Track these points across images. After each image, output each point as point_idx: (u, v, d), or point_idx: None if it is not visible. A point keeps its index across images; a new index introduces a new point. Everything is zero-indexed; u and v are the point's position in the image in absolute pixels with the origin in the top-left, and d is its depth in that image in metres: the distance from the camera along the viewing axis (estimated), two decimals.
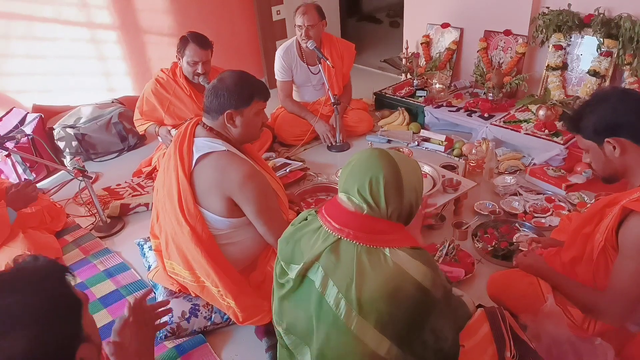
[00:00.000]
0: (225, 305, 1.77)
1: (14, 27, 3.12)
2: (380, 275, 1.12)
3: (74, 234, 2.54)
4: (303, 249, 1.23)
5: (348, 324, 1.12)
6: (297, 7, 3.07)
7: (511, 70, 3.28)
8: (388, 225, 1.19)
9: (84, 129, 3.25)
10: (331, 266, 1.17)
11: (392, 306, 1.11)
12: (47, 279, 0.90)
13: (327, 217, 1.23)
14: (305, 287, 1.23)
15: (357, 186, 1.18)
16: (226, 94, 1.72)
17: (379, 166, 1.18)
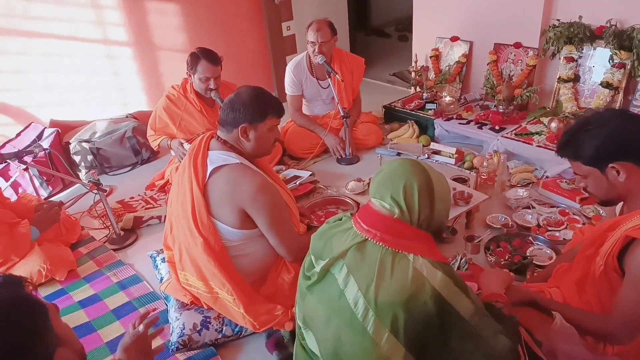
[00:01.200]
0: (241, 314, 1.78)
1: (33, 45, 3.21)
2: (400, 279, 1.14)
3: (88, 246, 2.57)
4: (333, 247, 1.28)
5: (364, 324, 1.14)
6: (310, 23, 3.11)
7: (522, 83, 3.28)
8: (416, 232, 1.23)
9: (99, 143, 3.30)
10: (355, 264, 1.20)
11: (408, 313, 1.12)
12: (2, 288, 0.93)
13: (358, 218, 1.28)
14: (327, 281, 1.27)
15: (390, 192, 1.22)
16: (242, 109, 1.76)
17: (413, 173, 1.23)
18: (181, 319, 1.84)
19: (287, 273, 1.93)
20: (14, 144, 3.22)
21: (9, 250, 2.19)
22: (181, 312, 1.86)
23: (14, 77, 3.21)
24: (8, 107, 3.26)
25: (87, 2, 3.34)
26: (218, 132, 1.86)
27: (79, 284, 2.29)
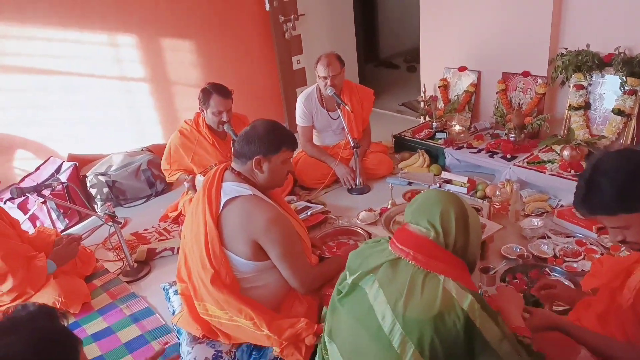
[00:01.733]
0: (265, 335, 1.76)
1: (53, 81, 3.32)
2: (429, 298, 1.17)
3: (102, 278, 2.59)
4: (369, 263, 1.32)
5: (390, 337, 1.17)
6: (318, 58, 3.18)
7: (532, 111, 3.29)
8: (451, 257, 1.26)
9: (115, 176, 3.37)
10: (386, 279, 1.24)
11: (435, 331, 1.14)
12: (38, 320, 0.93)
13: (393, 238, 1.33)
14: (357, 294, 1.30)
15: (427, 217, 1.28)
16: (257, 141, 1.81)
17: (449, 201, 1.30)
18: (193, 353, 1.83)
19: (299, 306, 1.91)
20: (33, 177, 3.30)
21: (25, 283, 2.21)
22: (193, 346, 1.85)
23: (34, 113, 3.31)
24: (28, 142, 3.35)
25: (106, 41, 3.47)
26: (232, 164, 1.90)
27: (93, 317, 2.29)
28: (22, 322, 0.92)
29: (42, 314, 0.95)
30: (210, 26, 3.90)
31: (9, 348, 0.86)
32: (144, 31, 3.59)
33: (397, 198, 2.84)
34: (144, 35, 3.60)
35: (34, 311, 0.95)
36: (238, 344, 1.86)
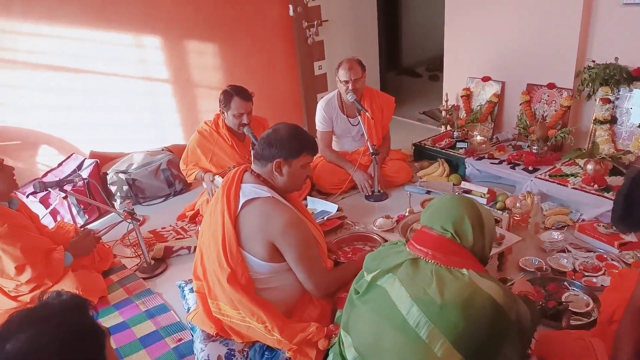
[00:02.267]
0: (276, 339, 1.76)
1: (79, 81, 3.39)
2: (456, 288, 1.22)
3: (119, 274, 2.62)
4: (385, 265, 1.37)
5: (418, 330, 1.20)
6: (339, 63, 3.19)
7: (556, 124, 3.24)
8: (467, 253, 1.32)
9: (135, 175, 3.41)
10: (406, 277, 1.28)
11: (468, 319, 1.18)
12: (71, 311, 0.94)
13: (412, 240, 1.38)
14: (375, 292, 1.34)
15: (442, 222, 1.34)
16: (278, 144, 1.82)
17: (464, 207, 1.35)
18: (206, 350, 1.84)
19: (313, 309, 1.91)
20: (55, 173, 3.37)
21: (44, 275, 2.25)
22: (206, 344, 1.86)
23: (60, 111, 3.39)
24: (53, 139, 3.43)
25: (132, 42, 3.54)
26: (252, 166, 1.91)
27: (109, 311, 2.32)
28: (55, 312, 0.93)
29: (74, 306, 0.96)
30: (234, 30, 3.94)
31: (39, 337, 0.87)
32: (169, 34, 3.65)
33: (415, 206, 2.81)
34: (169, 37, 3.66)
35: (67, 301, 0.96)
36: (251, 343, 1.86)
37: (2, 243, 2.15)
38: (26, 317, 0.91)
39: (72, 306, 0.96)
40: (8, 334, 0.86)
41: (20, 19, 3.07)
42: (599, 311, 1.91)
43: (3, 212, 2.23)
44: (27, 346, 0.84)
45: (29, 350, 0.84)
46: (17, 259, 2.17)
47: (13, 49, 3.11)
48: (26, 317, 0.91)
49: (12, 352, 0.84)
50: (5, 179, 2.25)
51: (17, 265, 2.17)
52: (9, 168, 2.28)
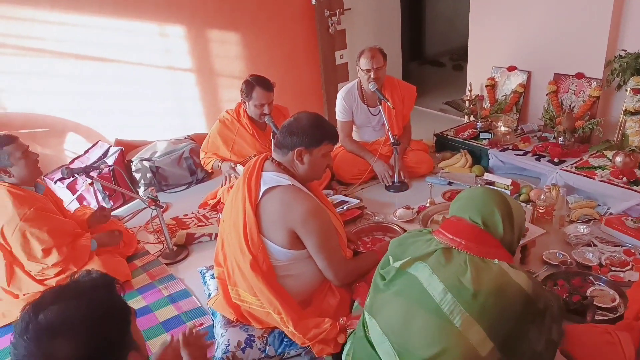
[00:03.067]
0: (289, 332, 1.78)
1: (104, 69, 3.45)
2: (488, 277, 1.25)
3: (142, 259, 2.67)
4: (413, 252, 1.37)
5: (451, 317, 1.21)
6: (361, 51, 3.16)
7: (584, 115, 3.16)
8: (498, 244, 1.34)
9: (159, 162, 3.47)
10: (439, 265, 1.29)
11: (500, 307, 1.21)
12: (98, 289, 0.98)
13: (442, 230, 1.38)
14: (404, 279, 1.34)
15: (473, 214, 1.35)
16: (300, 133, 1.83)
17: (495, 199, 1.36)
18: (226, 336, 1.87)
19: (332, 297, 1.92)
20: (82, 160, 3.44)
21: (69, 259, 2.31)
22: (227, 329, 1.89)
23: (86, 99, 3.45)
24: (79, 126, 3.50)
25: (156, 31, 3.57)
26: (273, 154, 1.92)
27: (132, 295, 2.37)
28: (85, 289, 0.97)
29: (103, 284, 1.01)
30: (256, 19, 3.94)
31: (70, 310, 0.91)
32: (193, 22, 3.67)
33: (436, 197, 2.79)
34: (192, 26, 3.68)
35: (96, 279, 1.01)
36: (270, 329, 1.88)
37: (30, 226, 2.22)
38: (59, 292, 0.96)
39: (101, 284, 1.00)
40: (41, 306, 0.91)
41: (48, 8, 3.13)
42: (625, 307, 1.87)
43: (30, 196, 2.30)
44: (58, 318, 0.89)
45: (60, 322, 0.89)
46: (44, 241, 2.24)
47: (41, 37, 3.18)
48: (59, 292, 0.96)
49: (43, 322, 0.88)
50: (30, 165, 2.31)
51: (44, 247, 2.24)
52: (33, 154, 2.34)
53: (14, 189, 2.27)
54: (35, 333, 0.88)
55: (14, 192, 2.26)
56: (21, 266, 2.29)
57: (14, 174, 2.26)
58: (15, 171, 2.26)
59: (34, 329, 0.88)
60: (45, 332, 0.88)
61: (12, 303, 2.30)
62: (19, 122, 3.24)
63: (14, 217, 2.21)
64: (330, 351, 1.76)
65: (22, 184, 2.31)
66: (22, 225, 2.21)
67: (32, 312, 0.91)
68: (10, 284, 2.30)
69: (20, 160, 2.26)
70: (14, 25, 3.08)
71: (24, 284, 2.30)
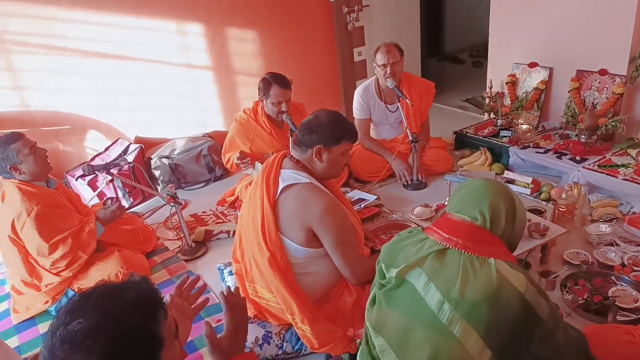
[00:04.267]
0: (300, 333, 1.79)
1: (124, 67, 3.49)
2: (483, 280, 1.19)
3: (162, 255, 2.71)
4: (406, 255, 1.32)
5: (450, 328, 1.17)
6: (377, 47, 3.14)
7: (607, 112, 3.09)
8: (495, 239, 1.27)
9: (177, 160, 3.50)
10: (434, 271, 1.24)
11: (494, 312, 1.15)
12: (138, 311, 0.94)
13: (436, 228, 1.32)
14: (403, 289, 1.30)
15: (475, 206, 1.28)
16: (319, 130, 1.83)
17: (497, 192, 1.30)
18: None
19: (349, 295, 1.92)
20: (102, 157, 3.50)
21: (76, 248, 2.32)
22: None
23: (106, 97, 3.50)
24: (100, 124, 3.55)
25: (174, 29, 3.60)
26: (291, 152, 1.93)
27: None
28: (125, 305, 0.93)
29: (144, 304, 0.96)
30: (274, 16, 3.95)
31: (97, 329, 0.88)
32: (210, 20, 3.69)
33: None
34: (210, 24, 3.71)
35: (141, 295, 0.97)
36: (288, 326, 1.89)
37: (36, 222, 2.25)
38: (101, 299, 0.93)
39: (143, 304, 0.95)
40: (76, 312, 0.90)
41: (69, 6, 3.18)
42: None
43: (39, 191, 2.33)
44: (82, 335, 0.87)
45: (81, 339, 0.87)
46: (49, 237, 2.26)
47: (64, 36, 3.23)
48: (101, 299, 0.93)
49: (68, 333, 0.87)
50: (39, 161, 2.34)
51: (50, 243, 2.26)
52: (41, 150, 2.37)
53: (24, 185, 2.31)
54: (61, 338, 0.87)
55: (23, 188, 2.29)
56: (36, 260, 2.33)
57: (24, 170, 2.29)
58: (25, 168, 2.29)
59: (61, 334, 0.87)
60: (68, 342, 0.87)
61: (34, 296, 2.35)
62: (41, 120, 3.31)
63: (22, 213, 2.25)
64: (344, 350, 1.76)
65: (33, 179, 2.34)
66: (29, 221, 2.24)
67: (68, 315, 0.89)
68: (32, 275, 2.34)
69: (28, 157, 2.28)
70: (36, 24, 3.13)
71: (44, 276, 2.35)
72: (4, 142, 2.26)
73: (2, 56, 3.09)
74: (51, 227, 2.28)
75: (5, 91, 3.16)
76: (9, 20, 3.04)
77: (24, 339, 2.22)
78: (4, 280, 2.67)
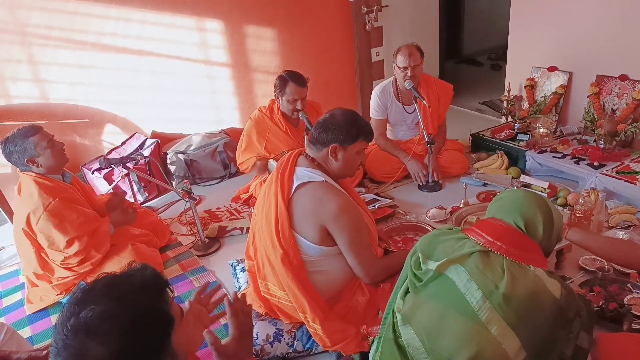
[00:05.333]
0: (312, 331, 1.79)
1: (143, 63, 3.53)
2: (524, 285, 1.25)
3: (175, 250, 2.73)
4: (445, 250, 1.36)
5: (489, 327, 1.21)
6: (398, 49, 3.12)
7: (626, 118, 3.04)
8: (535, 247, 1.33)
9: (193, 155, 3.53)
10: (476, 270, 1.28)
11: (532, 315, 1.22)
12: (147, 292, 0.96)
13: (479, 230, 1.36)
14: (441, 282, 1.33)
15: (514, 217, 1.35)
16: (335, 129, 1.82)
17: (537, 204, 1.35)
18: (255, 329, 1.88)
19: (361, 295, 1.92)
20: (119, 151, 3.54)
21: (90, 247, 2.34)
22: (255, 322, 1.91)
23: (124, 91, 3.54)
24: (118, 118, 3.59)
25: (194, 25, 3.63)
26: (306, 150, 1.93)
27: None
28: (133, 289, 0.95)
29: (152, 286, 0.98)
30: (293, 15, 3.95)
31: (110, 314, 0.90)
32: (230, 17, 3.71)
33: (470, 198, 2.74)
34: (230, 21, 3.72)
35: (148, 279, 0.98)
36: (299, 324, 1.89)
37: (53, 216, 2.26)
38: (106, 287, 0.94)
39: (150, 286, 0.97)
40: (85, 301, 0.91)
41: (91, 1, 3.22)
42: None
43: (56, 185, 2.35)
44: (97, 320, 0.88)
45: (97, 324, 0.88)
46: (67, 232, 2.28)
47: (84, 30, 3.27)
48: (106, 287, 0.94)
49: (82, 321, 0.88)
50: (57, 154, 2.37)
51: (67, 239, 2.28)
52: (59, 143, 2.40)
53: (40, 178, 2.32)
54: (74, 329, 0.88)
55: (40, 182, 2.31)
56: (47, 254, 2.35)
57: (41, 163, 2.31)
58: (42, 161, 2.31)
59: (72, 325, 0.88)
60: (83, 330, 0.87)
61: (47, 288, 2.37)
62: (60, 112, 3.36)
63: (38, 206, 2.26)
64: (356, 349, 1.76)
65: (49, 172, 2.36)
66: (45, 215, 2.26)
67: (77, 305, 0.90)
68: (44, 269, 2.37)
69: (46, 150, 2.30)
70: (58, 17, 3.18)
71: (56, 270, 2.37)
72: (22, 135, 2.29)
73: (23, 49, 3.14)
74: (67, 221, 2.29)
75: (26, 83, 3.22)
76: (30, 13, 3.09)
77: (37, 330, 2.25)
78: (19, 270, 2.71)
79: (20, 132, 2.31)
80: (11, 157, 2.30)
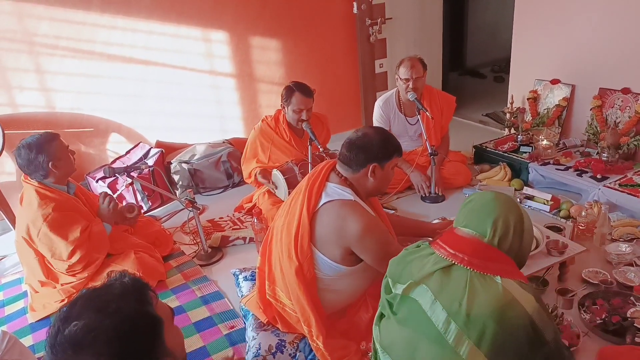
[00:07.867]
0: (314, 346, 1.79)
1: (149, 72, 3.56)
2: (491, 296, 1.17)
3: (178, 259, 2.74)
4: (412, 271, 1.29)
5: (457, 349, 1.15)
6: (400, 61, 3.15)
7: (629, 131, 3.05)
8: (502, 256, 1.25)
9: (197, 165, 3.55)
10: (439, 288, 1.21)
11: (501, 332, 1.13)
12: (128, 298, 0.96)
13: (442, 243, 1.30)
14: (409, 306, 1.28)
15: (483, 222, 1.26)
16: (374, 149, 1.81)
17: (506, 206, 1.28)
18: (258, 339, 1.88)
19: (365, 312, 1.92)
20: (123, 160, 3.56)
21: (90, 252, 2.34)
22: (258, 332, 1.91)
23: (130, 101, 3.57)
24: (122, 127, 3.62)
25: (199, 36, 3.67)
26: (338, 168, 1.88)
27: (166, 295, 2.42)
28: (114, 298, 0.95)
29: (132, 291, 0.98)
30: (298, 26, 3.99)
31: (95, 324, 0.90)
32: (235, 28, 3.75)
33: None
34: (235, 32, 3.76)
35: (127, 285, 0.99)
36: (301, 336, 1.89)
37: (52, 229, 2.26)
38: (87, 301, 0.95)
39: (131, 291, 0.97)
40: (69, 318, 0.91)
41: (98, 12, 3.26)
42: None
43: (58, 196, 2.34)
44: (83, 333, 0.88)
45: (84, 337, 0.88)
46: (68, 244, 2.28)
47: (91, 40, 3.31)
48: (87, 301, 0.95)
49: (68, 336, 0.88)
50: (70, 164, 2.38)
51: (69, 251, 2.28)
52: (72, 152, 2.42)
53: (42, 189, 2.30)
54: (61, 347, 0.88)
55: (41, 192, 2.29)
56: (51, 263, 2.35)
57: (53, 170, 2.30)
58: (62, 165, 2.31)
59: (60, 343, 0.88)
60: (71, 347, 0.87)
61: (50, 294, 2.38)
62: (65, 121, 3.39)
63: (37, 217, 2.25)
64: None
65: (57, 181, 2.35)
66: (44, 227, 2.25)
67: (61, 323, 0.91)
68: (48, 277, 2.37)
69: (62, 158, 2.31)
70: (65, 27, 3.22)
71: (60, 277, 2.38)
72: (48, 140, 2.28)
73: (31, 58, 3.18)
74: (67, 234, 2.28)
75: (32, 92, 3.25)
76: (39, 23, 3.13)
77: (39, 338, 2.25)
78: (21, 279, 2.71)
79: (43, 137, 2.29)
80: (35, 161, 2.25)
